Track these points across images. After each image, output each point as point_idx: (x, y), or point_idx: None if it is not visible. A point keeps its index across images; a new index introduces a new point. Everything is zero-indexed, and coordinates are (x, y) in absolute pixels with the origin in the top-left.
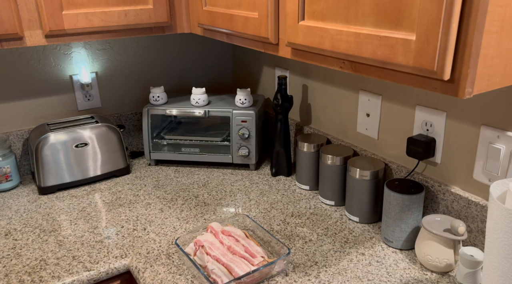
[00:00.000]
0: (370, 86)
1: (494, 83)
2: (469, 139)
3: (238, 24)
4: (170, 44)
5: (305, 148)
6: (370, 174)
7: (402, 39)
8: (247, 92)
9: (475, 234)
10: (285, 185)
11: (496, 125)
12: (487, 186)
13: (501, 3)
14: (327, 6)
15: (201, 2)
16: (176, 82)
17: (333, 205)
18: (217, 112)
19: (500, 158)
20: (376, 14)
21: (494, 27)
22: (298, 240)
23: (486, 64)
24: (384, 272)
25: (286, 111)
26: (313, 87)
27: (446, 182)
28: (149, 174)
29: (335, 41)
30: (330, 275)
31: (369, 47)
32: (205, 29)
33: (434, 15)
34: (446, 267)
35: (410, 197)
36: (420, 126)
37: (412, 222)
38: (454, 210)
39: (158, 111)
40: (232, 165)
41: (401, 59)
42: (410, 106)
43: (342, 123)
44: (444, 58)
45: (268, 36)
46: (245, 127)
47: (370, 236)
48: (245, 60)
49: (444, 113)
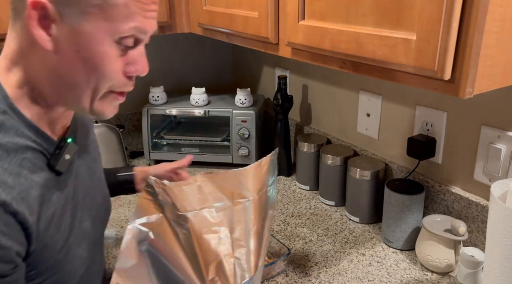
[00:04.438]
0: (370, 86)
1: (494, 83)
2: (469, 139)
3: (238, 23)
4: (170, 43)
5: (305, 148)
6: (371, 174)
7: (402, 39)
8: (247, 92)
9: (475, 235)
10: (285, 185)
11: (497, 125)
12: (487, 186)
13: (502, 3)
14: (327, 6)
15: (201, 1)
16: (175, 82)
17: (333, 205)
18: (217, 112)
19: (500, 158)
20: (377, 13)
21: (495, 27)
22: (298, 240)
23: (487, 64)
24: (384, 272)
25: (286, 111)
26: (313, 87)
27: (447, 182)
28: None
29: (335, 41)
30: (330, 276)
31: (370, 46)
32: (205, 29)
33: (435, 15)
34: (447, 268)
35: (411, 197)
36: (420, 126)
37: (413, 222)
38: (455, 210)
39: (158, 111)
40: (232, 165)
41: (401, 59)
42: (410, 106)
43: (342, 123)
44: (444, 58)
45: (268, 36)
46: (245, 127)
47: (371, 236)
48: (245, 60)
49: (444, 113)
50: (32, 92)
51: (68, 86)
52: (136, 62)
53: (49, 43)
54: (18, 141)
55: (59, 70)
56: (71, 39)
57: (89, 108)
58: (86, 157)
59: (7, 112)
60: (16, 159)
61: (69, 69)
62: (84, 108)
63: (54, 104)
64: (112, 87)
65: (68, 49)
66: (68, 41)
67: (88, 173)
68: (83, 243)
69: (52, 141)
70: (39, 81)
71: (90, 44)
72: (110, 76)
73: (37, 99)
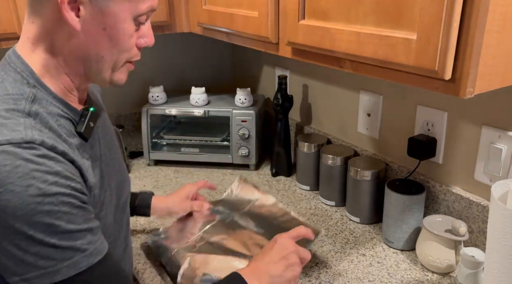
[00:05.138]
0: (371, 85)
1: (495, 83)
2: (470, 139)
3: (238, 23)
4: (170, 43)
5: (306, 148)
6: (371, 175)
7: (403, 38)
8: (247, 92)
9: (476, 235)
10: (285, 186)
11: (498, 125)
12: (488, 186)
13: (503, 2)
14: (327, 5)
15: (201, 1)
16: (175, 81)
17: (334, 205)
18: (217, 112)
19: (501, 158)
20: (377, 13)
21: (496, 27)
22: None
23: (488, 63)
24: (385, 273)
25: (286, 111)
26: (314, 86)
27: (447, 183)
28: (148, 174)
29: (335, 41)
30: (330, 276)
31: (370, 46)
32: (204, 29)
33: (435, 15)
34: (447, 268)
35: (411, 197)
36: (421, 126)
37: (413, 222)
38: (455, 211)
39: (158, 111)
40: (232, 165)
41: (402, 59)
42: (411, 105)
43: (342, 123)
44: (445, 58)
45: (268, 36)
46: (245, 127)
47: (371, 236)
48: (245, 60)
49: (445, 113)
50: (55, 69)
51: (93, 61)
52: (146, 35)
53: (78, 24)
54: (52, 110)
55: (85, 47)
56: (98, 19)
57: (109, 78)
58: (103, 130)
59: (36, 86)
60: (55, 123)
61: (95, 45)
62: (105, 79)
63: (76, 78)
64: (127, 58)
65: (95, 27)
66: (95, 21)
67: (106, 145)
68: (109, 207)
69: (76, 110)
70: (63, 59)
71: (115, 23)
72: (129, 49)
73: (59, 75)
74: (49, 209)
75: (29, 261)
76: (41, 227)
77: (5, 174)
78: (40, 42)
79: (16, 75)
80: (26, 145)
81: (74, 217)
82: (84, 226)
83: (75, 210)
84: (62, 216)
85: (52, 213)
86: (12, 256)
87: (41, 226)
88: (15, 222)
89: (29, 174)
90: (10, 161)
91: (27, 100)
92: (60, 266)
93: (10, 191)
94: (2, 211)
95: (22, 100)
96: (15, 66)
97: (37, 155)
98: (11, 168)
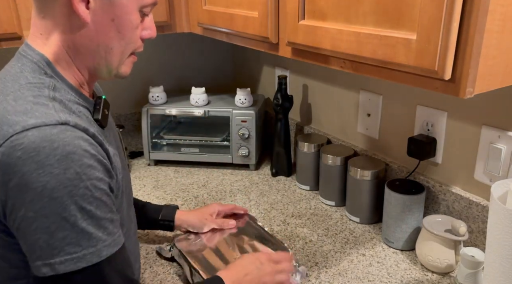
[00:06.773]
0: (370, 85)
1: (495, 83)
2: (470, 139)
3: (238, 23)
4: (170, 43)
5: (305, 148)
6: (371, 174)
7: (402, 38)
8: (247, 92)
9: (476, 235)
10: (285, 186)
11: (497, 125)
12: (488, 186)
13: (503, 2)
14: (327, 5)
15: (201, 1)
16: (175, 81)
17: (334, 205)
18: (216, 112)
19: (501, 158)
20: (377, 13)
21: (495, 27)
22: (299, 240)
23: (487, 63)
24: (384, 272)
25: (286, 111)
26: (313, 87)
27: (447, 182)
28: (148, 174)
29: (335, 41)
30: (330, 276)
31: (370, 46)
32: (204, 29)
33: (435, 15)
34: (447, 268)
35: (411, 197)
36: (421, 126)
37: (413, 222)
38: (455, 211)
39: (158, 111)
40: (232, 165)
41: (402, 59)
42: (411, 106)
43: (342, 123)
44: (445, 58)
45: (268, 36)
46: (245, 127)
47: (371, 236)
48: (245, 60)
49: (445, 113)
50: (66, 63)
51: (102, 52)
52: (149, 27)
53: (88, 16)
54: (70, 98)
55: (95, 39)
56: (108, 10)
57: (116, 70)
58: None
59: (53, 76)
60: (76, 110)
61: (104, 37)
62: (112, 70)
63: (85, 72)
64: (133, 49)
65: (104, 19)
66: (105, 12)
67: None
68: (124, 197)
69: (89, 100)
70: (72, 52)
71: (123, 14)
72: (135, 40)
73: (70, 68)
74: (83, 193)
75: (55, 245)
76: (74, 210)
77: (44, 156)
78: (51, 35)
79: (33, 65)
80: (61, 127)
81: (102, 204)
82: (108, 215)
83: (104, 197)
84: (93, 201)
85: (86, 197)
86: (39, 240)
87: (75, 209)
88: (50, 203)
89: (68, 157)
90: (48, 142)
91: (49, 88)
92: (86, 252)
93: (49, 173)
94: (39, 193)
95: (44, 88)
96: (32, 57)
97: (73, 136)
98: (50, 151)
